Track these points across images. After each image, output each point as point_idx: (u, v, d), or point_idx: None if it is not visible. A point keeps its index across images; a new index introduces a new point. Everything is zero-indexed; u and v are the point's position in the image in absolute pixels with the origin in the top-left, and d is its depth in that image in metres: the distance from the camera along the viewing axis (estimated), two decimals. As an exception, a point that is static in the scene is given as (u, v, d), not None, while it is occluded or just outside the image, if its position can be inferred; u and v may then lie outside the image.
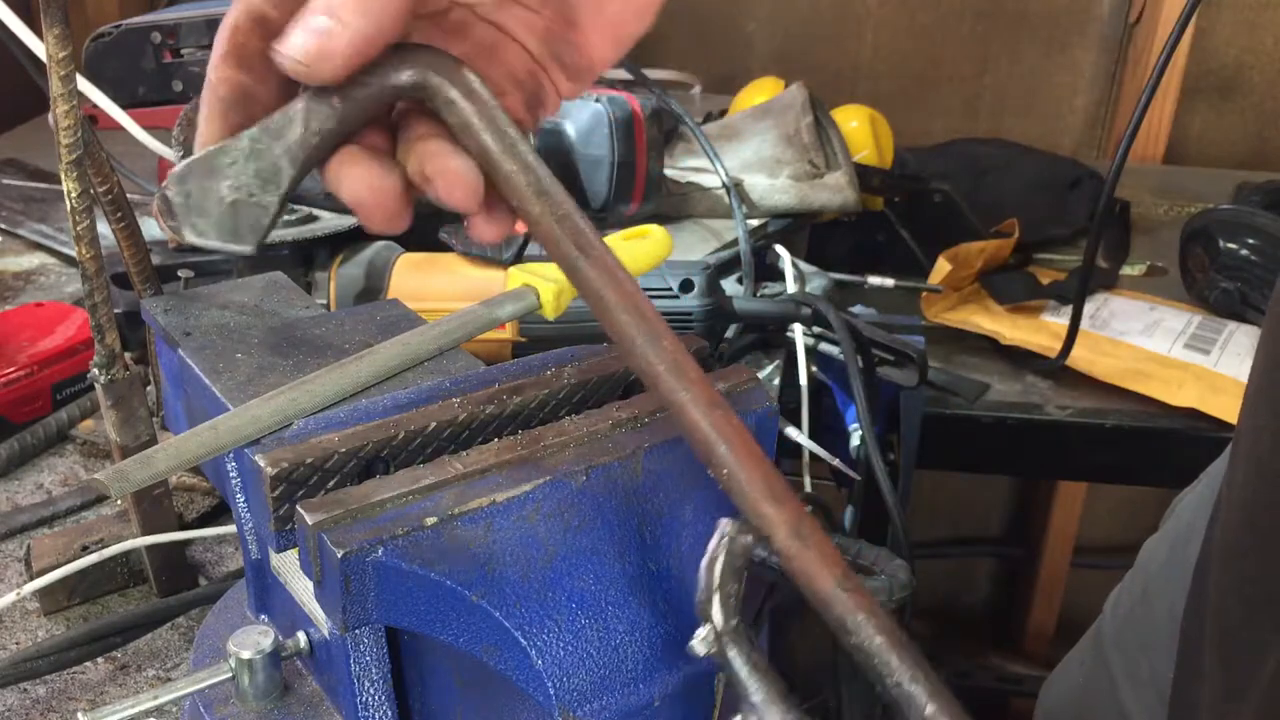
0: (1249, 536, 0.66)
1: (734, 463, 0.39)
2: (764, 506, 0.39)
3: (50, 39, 0.58)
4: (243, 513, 0.54)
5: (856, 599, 0.37)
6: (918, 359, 0.97)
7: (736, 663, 0.38)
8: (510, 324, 0.91)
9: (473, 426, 0.47)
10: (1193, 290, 1.27)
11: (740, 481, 0.39)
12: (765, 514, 0.39)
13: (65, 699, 0.67)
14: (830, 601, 0.37)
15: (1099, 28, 1.91)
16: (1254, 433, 0.67)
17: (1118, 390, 1.11)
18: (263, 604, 0.59)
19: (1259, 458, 0.65)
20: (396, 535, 0.40)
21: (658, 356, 0.40)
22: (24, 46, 0.74)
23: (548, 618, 0.42)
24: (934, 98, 2.00)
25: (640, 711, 0.44)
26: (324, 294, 0.97)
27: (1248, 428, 0.68)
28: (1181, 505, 0.94)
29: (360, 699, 0.49)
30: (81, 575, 0.73)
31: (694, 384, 0.40)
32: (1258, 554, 0.65)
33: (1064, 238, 1.45)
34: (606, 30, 0.44)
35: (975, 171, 1.57)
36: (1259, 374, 0.68)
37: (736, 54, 2.00)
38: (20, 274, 1.23)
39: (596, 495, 0.44)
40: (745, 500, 0.39)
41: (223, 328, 0.57)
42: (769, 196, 1.23)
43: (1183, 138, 1.92)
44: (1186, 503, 0.92)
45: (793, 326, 1.01)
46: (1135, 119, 0.97)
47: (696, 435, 0.40)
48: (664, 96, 1.24)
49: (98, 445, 0.91)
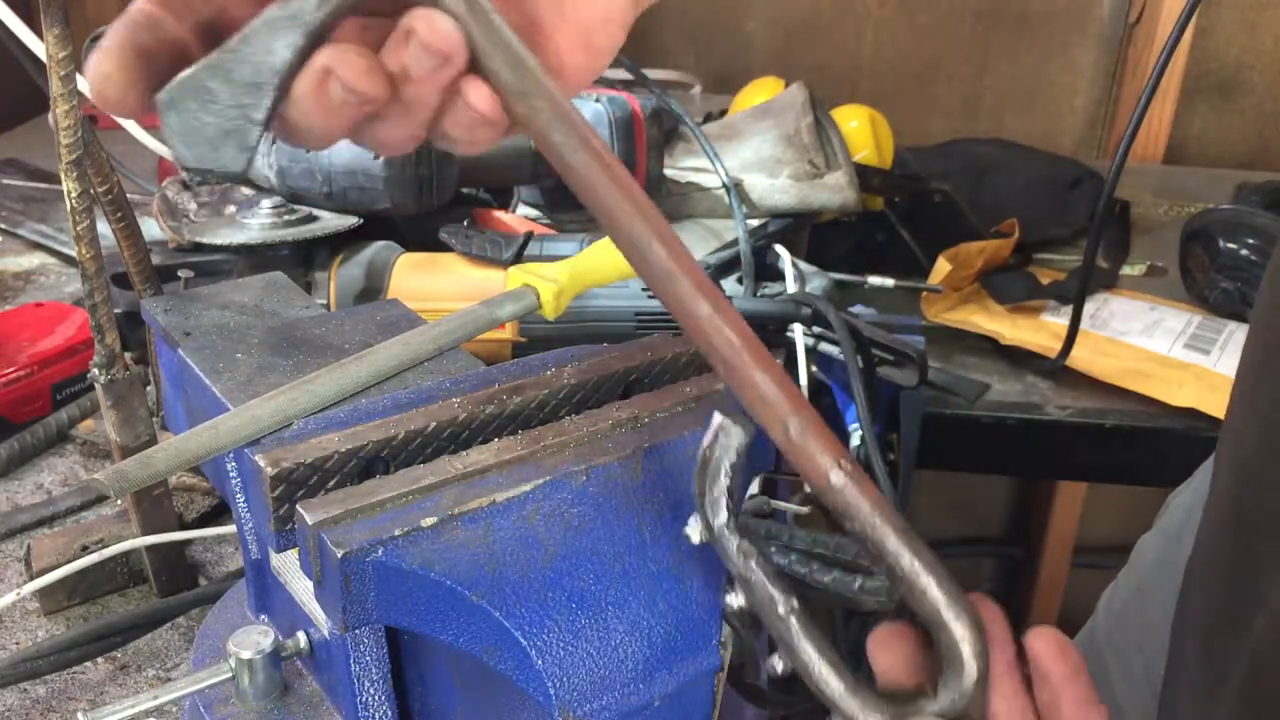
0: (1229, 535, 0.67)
1: (734, 352, 0.38)
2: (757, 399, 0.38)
3: (50, 39, 0.58)
4: (243, 513, 0.54)
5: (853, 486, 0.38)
6: (918, 359, 0.97)
7: (732, 550, 0.39)
8: (510, 324, 0.91)
9: (473, 426, 0.47)
10: (1193, 290, 1.27)
11: (735, 369, 0.38)
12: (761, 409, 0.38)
13: (65, 699, 0.67)
14: (827, 491, 0.38)
15: (1099, 28, 1.91)
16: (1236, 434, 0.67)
17: (1118, 390, 1.11)
18: (263, 604, 0.59)
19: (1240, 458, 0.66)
20: (396, 535, 0.40)
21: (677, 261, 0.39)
22: (24, 46, 0.74)
23: (548, 618, 0.42)
24: (934, 98, 2.00)
25: (640, 711, 0.44)
26: (324, 294, 0.96)
27: (1231, 428, 0.69)
28: (1175, 503, 0.94)
29: (360, 699, 0.49)
30: (81, 575, 0.73)
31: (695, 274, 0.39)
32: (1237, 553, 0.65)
33: (1064, 238, 1.45)
34: (574, 35, 0.44)
35: (975, 171, 1.57)
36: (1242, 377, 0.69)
37: (736, 54, 2.00)
38: (20, 274, 1.23)
39: (596, 495, 0.44)
40: (741, 391, 0.39)
41: (223, 328, 0.57)
42: (769, 196, 1.23)
43: (1183, 138, 1.92)
44: (1180, 500, 0.92)
45: (793, 326, 1.01)
46: (1135, 119, 0.97)
47: (694, 324, 0.39)
48: (664, 96, 1.24)
49: (98, 445, 0.91)
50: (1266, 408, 0.64)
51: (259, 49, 0.37)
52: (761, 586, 0.40)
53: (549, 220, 1.21)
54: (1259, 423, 0.65)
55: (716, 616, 0.47)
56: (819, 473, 0.38)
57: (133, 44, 0.37)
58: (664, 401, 0.49)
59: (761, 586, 0.40)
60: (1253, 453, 0.65)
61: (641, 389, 0.51)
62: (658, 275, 0.39)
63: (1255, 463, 0.64)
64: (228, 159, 0.38)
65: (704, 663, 0.45)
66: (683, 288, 0.39)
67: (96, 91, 0.38)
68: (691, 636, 0.45)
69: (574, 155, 0.39)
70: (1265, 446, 0.64)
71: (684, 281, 0.39)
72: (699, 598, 0.46)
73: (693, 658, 0.45)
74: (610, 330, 0.87)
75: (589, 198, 0.39)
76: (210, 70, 0.37)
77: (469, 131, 0.41)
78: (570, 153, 0.39)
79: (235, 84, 0.37)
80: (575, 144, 0.39)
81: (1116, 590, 1.00)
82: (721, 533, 0.40)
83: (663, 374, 0.52)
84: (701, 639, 0.46)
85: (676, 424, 0.47)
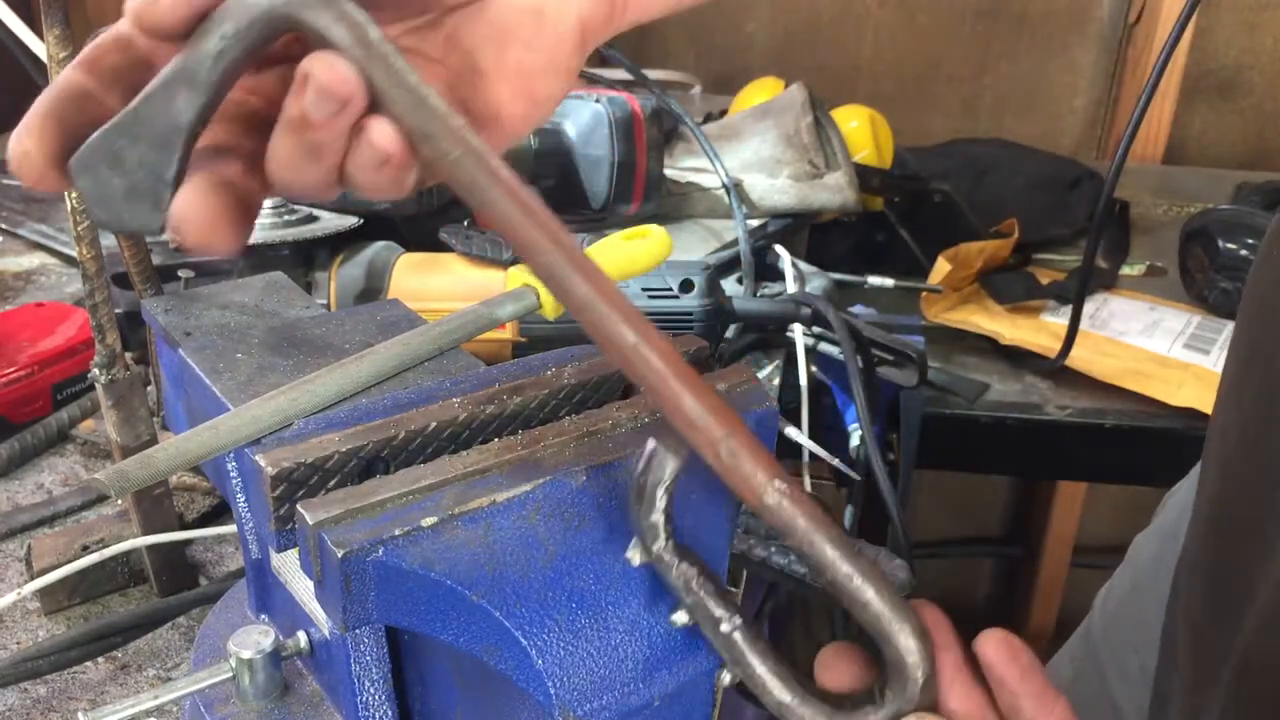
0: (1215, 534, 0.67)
1: (659, 378, 0.38)
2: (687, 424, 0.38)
3: (50, 39, 0.58)
4: (243, 512, 0.54)
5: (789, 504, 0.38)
6: (917, 359, 0.97)
7: (671, 574, 0.40)
8: (510, 324, 0.91)
9: (473, 426, 0.47)
10: (1192, 290, 1.28)
11: (662, 396, 0.38)
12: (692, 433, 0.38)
13: (66, 699, 0.67)
14: (762, 511, 0.38)
15: (1099, 28, 1.92)
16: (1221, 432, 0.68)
17: (1117, 390, 1.11)
18: (263, 604, 0.59)
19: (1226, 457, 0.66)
20: (397, 535, 0.40)
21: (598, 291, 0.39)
22: (24, 46, 0.74)
23: (548, 618, 0.42)
24: (934, 98, 2.00)
25: (640, 711, 0.44)
26: (324, 294, 0.97)
27: (1216, 427, 0.69)
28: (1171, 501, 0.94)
29: (360, 699, 0.49)
30: (82, 575, 0.73)
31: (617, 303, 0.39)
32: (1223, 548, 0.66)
33: (1064, 238, 1.46)
34: (514, 82, 0.43)
35: (975, 171, 1.57)
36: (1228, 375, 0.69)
37: (736, 54, 2.00)
38: (21, 274, 1.23)
39: (596, 495, 0.44)
40: (671, 416, 0.39)
41: (223, 328, 0.57)
42: (769, 196, 1.23)
43: (1182, 138, 1.92)
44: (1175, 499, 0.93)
45: (793, 326, 1.01)
46: (1135, 119, 0.97)
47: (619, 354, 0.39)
48: (664, 96, 1.24)
49: (98, 445, 0.91)
50: (1250, 406, 0.64)
51: (161, 109, 0.38)
52: (703, 606, 0.40)
53: (549, 220, 1.21)
54: (1243, 421, 0.65)
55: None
56: (754, 493, 0.38)
57: (56, 118, 0.38)
58: (664, 401, 0.48)
59: (703, 606, 0.40)
60: (1237, 451, 0.65)
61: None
62: (579, 306, 0.39)
63: (1240, 461, 0.65)
64: (143, 218, 0.39)
65: (704, 662, 0.45)
66: (605, 316, 0.38)
67: (16, 168, 0.38)
68: (691, 636, 0.45)
69: (486, 193, 0.39)
70: (1249, 444, 0.64)
71: (606, 310, 0.38)
72: (699, 597, 0.46)
73: (693, 657, 0.45)
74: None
75: (507, 234, 0.39)
76: (117, 132, 0.38)
77: (375, 174, 0.40)
78: (481, 191, 0.39)
79: (142, 144, 0.38)
80: (486, 182, 0.39)
81: (1112, 589, 1.00)
82: (660, 557, 0.40)
83: (663, 374, 0.52)
84: (701, 639, 0.46)
85: (676, 424, 0.47)
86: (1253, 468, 0.63)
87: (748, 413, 0.48)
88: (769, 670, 0.40)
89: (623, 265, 0.64)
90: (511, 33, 0.43)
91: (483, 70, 0.43)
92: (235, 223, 0.39)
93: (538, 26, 0.43)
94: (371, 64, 0.38)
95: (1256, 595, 0.60)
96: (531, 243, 0.39)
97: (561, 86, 0.45)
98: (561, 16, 0.44)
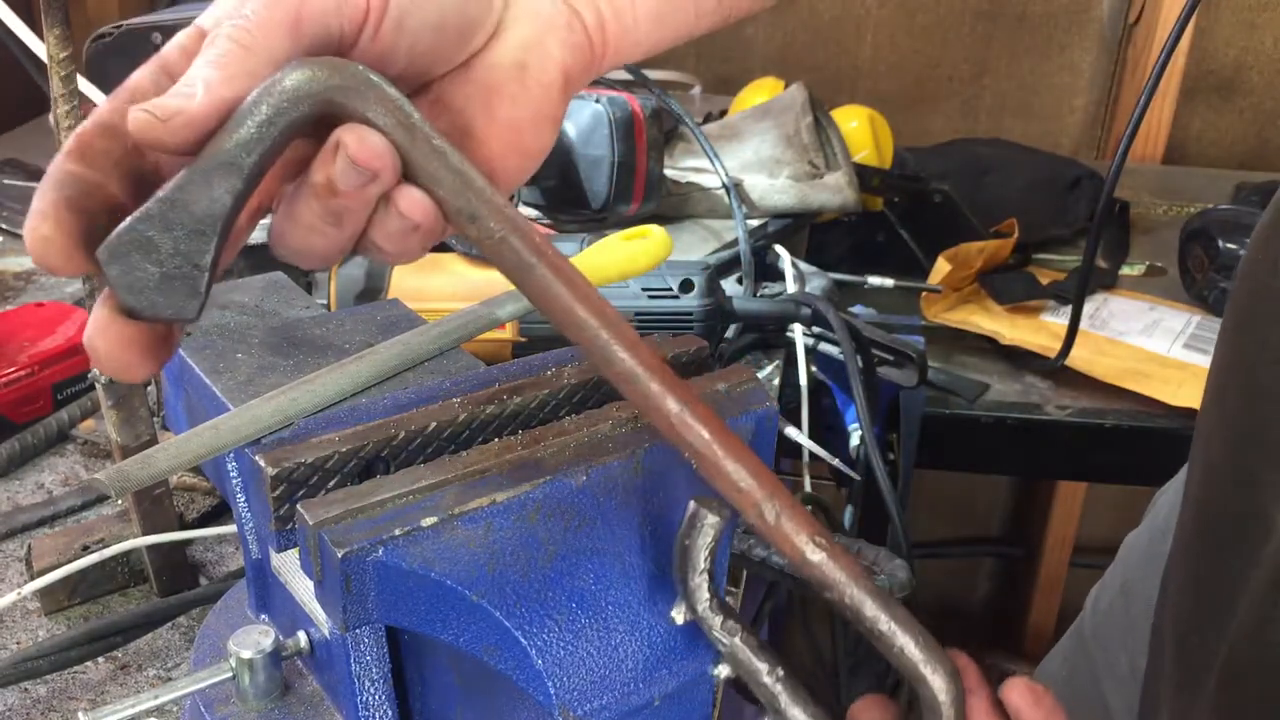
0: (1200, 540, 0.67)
1: (705, 445, 0.40)
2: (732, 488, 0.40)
3: (51, 39, 0.58)
4: (243, 512, 0.54)
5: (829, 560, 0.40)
6: (917, 359, 0.97)
7: (714, 631, 0.42)
8: (510, 324, 0.91)
9: (473, 426, 0.47)
10: (1192, 290, 1.28)
11: (707, 461, 0.40)
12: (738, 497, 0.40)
13: (66, 698, 0.67)
14: (804, 565, 0.40)
15: (1098, 28, 1.92)
16: (1206, 438, 0.68)
17: (1117, 390, 1.11)
18: (263, 604, 0.59)
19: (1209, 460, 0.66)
20: (397, 535, 0.40)
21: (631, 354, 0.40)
22: (25, 47, 0.74)
23: (548, 618, 0.42)
24: (934, 98, 2.00)
25: (640, 711, 0.44)
26: (324, 294, 0.97)
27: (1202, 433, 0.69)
28: (1161, 500, 0.94)
29: (360, 699, 0.49)
30: (82, 575, 0.73)
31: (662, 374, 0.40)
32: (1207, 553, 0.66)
33: (1064, 238, 1.46)
34: (505, 138, 0.43)
35: (975, 171, 1.57)
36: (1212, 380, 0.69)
37: (736, 54, 2.00)
38: (21, 274, 1.23)
39: (596, 495, 0.44)
40: (715, 480, 0.40)
41: (223, 328, 0.57)
42: (769, 196, 1.23)
43: (1182, 138, 1.92)
44: (1166, 498, 0.93)
45: (793, 326, 1.01)
46: (1135, 119, 0.97)
47: (664, 422, 0.40)
48: (664, 96, 1.24)
49: (98, 445, 0.91)
50: (1233, 411, 0.65)
51: (196, 198, 0.37)
52: (747, 660, 0.42)
53: (549, 220, 1.21)
54: (1226, 426, 0.65)
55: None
56: (796, 550, 0.40)
57: (65, 201, 0.36)
58: (664, 401, 0.49)
59: (747, 660, 0.42)
60: (1221, 456, 0.65)
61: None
62: (624, 378, 0.40)
63: (1223, 466, 0.65)
64: (179, 305, 0.38)
65: (704, 663, 0.45)
66: (648, 387, 0.40)
67: (38, 257, 0.37)
68: (692, 636, 0.45)
69: (532, 272, 0.39)
70: (1232, 449, 0.64)
71: (651, 383, 0.40)
72: (699, 597, 0.46)
73: (693, 657, 0.45)
74: (610, 330, 0.87)
75: (551, 311, 0.40)
76: (149, 222, 0.37)
77: (402, 241, 0.40)
78: (527, 270, 0.39)
79: (176, 232, 0.37)
80: (531, 260, 0.39)
81: (1104, 588, 1.00)
82: (705, 615, 0.42)
83: (663, 374, 0.52)
84: (701, 639, 0.46)
85: (676, 424, 0.47)
86: (1236, 474, 0.63)
87: (748, 413, 0.48)
88: (808, 715, 0.42)
89: (623, 265, 0.64)
90: (497, 91, 0.43)
91: (472, 131, 0.43)
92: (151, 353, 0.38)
93: (522, 82, 0.43)
94: (415, 145, 0.38)
95: (1240, 603, 0.60)
96: (577, 321, 0.40)
97: (550, 135, 0.45)
98: (545, 69, 0.44)
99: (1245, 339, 0.64)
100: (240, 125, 0.37)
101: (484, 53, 0.43)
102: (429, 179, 0.39)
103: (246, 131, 0.37)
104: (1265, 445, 0.60)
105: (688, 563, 0.41)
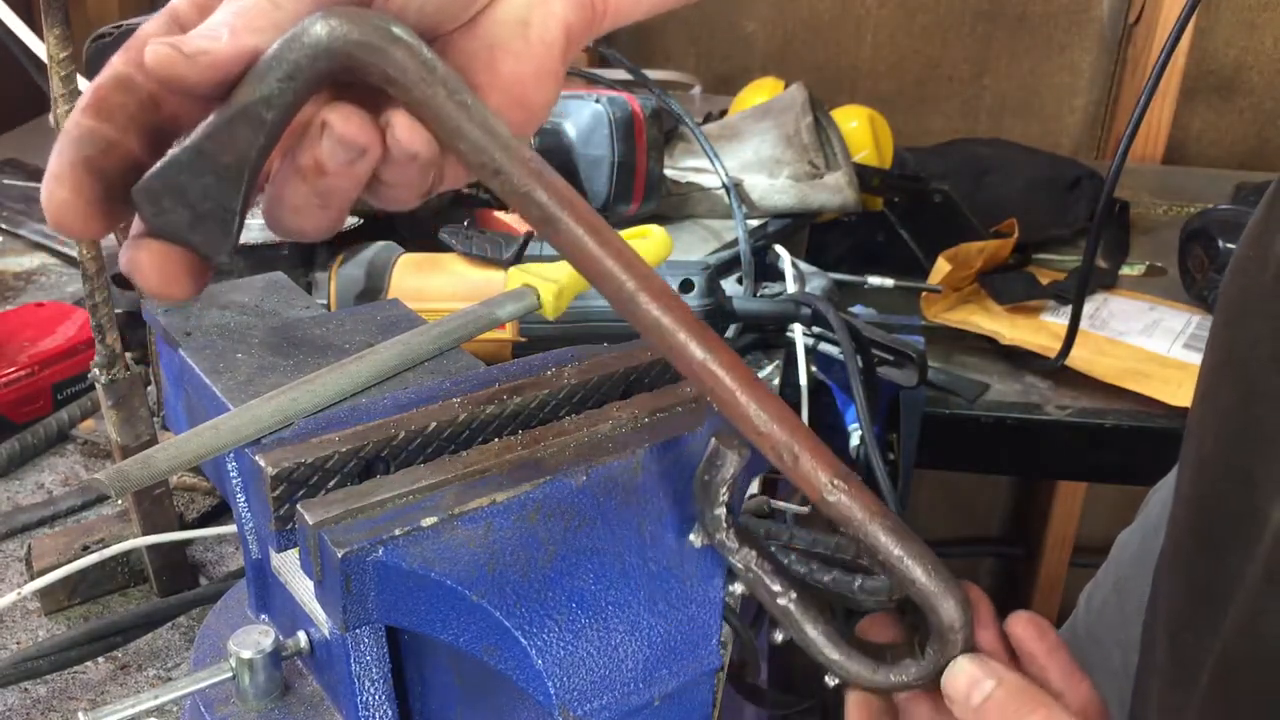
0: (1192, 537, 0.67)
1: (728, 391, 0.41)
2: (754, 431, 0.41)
3: (51, 39, 0.59)
4: (243, 512, 0.54)
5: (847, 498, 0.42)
6: (917, 359, 0.97)
7: (733, 557, 0.44)
8: (510, 324, 0.91)
9: (473, 426, 0.47)
10: (1192, 290, 1.28)
11: (731, 406, 0.41)
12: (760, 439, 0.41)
13: (66, 698, 0.67)
14: (823, 505, 0.42)
15: (1098, 28, 1.92)
16: (1198, 436, 0.68)
17: (1117, 390, 1.11)
18: (263, 604, 0.59)
19: (1201, 457, 0.66)
20: (397, 535, 0.40)
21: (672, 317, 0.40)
22: (25, 47, 0.74)
23: (548, 617, 0.42)
24: (934, 98, 2.00)
25: (640, 711, 0.44)
26: (324, 294, 0.97)
27: (1193, 430, 0.69)
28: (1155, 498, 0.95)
29: (360, 699, 0.49)
30: (82, 575, 0.73)
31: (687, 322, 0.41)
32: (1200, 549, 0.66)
33: (1064, 238, 1.46)
34: (509, 92, 0.44)
35: (975, 171, 1.57)
36: (1203, 377, 0.69)
37: (736, 54, 2.00)
38: (21, 274, 1.23)
39: (596, 495, 0.44)
40: (738, 424, 0.41)
41: (223, 328, 0.57)
42: (769, 196, 1.23)
43: (1182, 138, 1.92)
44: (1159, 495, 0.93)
45: (792, 326, 1.01)
46: (1135, 119, 0.97)
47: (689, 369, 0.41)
48: (664, 96, 1.24)
49: (98, 445, 0.91)
50: (1224, 408, 0.65)
51: (223, 146, 0.37)
52: (762, 583, 0.44)
53: (549, 220, 1.21)
54: (1217, 423, 0.65)
55: (716, 616, 0.47)
56: (815, 490, 0.42)
57: (82, 163, 0.37)
58: (664, 401, 0.49)
59: (762, 583, 0.44)
60: (1213, 452, 0.65)
61: (641, 389, 0.51)
62: (649, 327, 0.41)
63: (1214, 463, 0.65)
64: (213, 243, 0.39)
65: (704, 663, 0.46)
66: (674, 336, 0.41)
67: (55, 220, 0.37)
68: (691, 636, 0.45)
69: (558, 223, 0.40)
70: (1225, 446, 0.64)
71: (674, 330, 0.41)
72: (699, 597, 0.46)
73: (693, 658, 0.45)
74: (610, 330, 0.87)
75: (579, 261, 0.40)
76: (177, 168, 0.37)
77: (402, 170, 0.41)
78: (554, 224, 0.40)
79: (206, 178, 0.38)
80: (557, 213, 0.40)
81: (1097, 586, 1.00)
82: (722, 543, 0.44)
83: (663, 374, 0.52)
84: (701, 639, 0.46)
85: (676, 424, 0.47)
86: (1230, 471, 0.63)
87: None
88: (820, 632, 0.44)
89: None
90: (501, 47, 0.44)
91: (477, 85, 0.44)
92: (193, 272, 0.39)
93: (525, 38, 0.44)
94: (438, 97, 0.38)
95: (1233, 600, 0.60)
96: (604, 271, 0.40)
97: (553, 91, 0.46)
98: (547, 26, 0.44)
99: (1237, 335, 0.64)
100: (263, 78, 0.37)
101: (489, 9, 0.44)
102: (454, 133, 0.39)
103: (268, 86, 0.37)
104: (1258, 441, 0.60)
105: (707, 496, 0.43)
